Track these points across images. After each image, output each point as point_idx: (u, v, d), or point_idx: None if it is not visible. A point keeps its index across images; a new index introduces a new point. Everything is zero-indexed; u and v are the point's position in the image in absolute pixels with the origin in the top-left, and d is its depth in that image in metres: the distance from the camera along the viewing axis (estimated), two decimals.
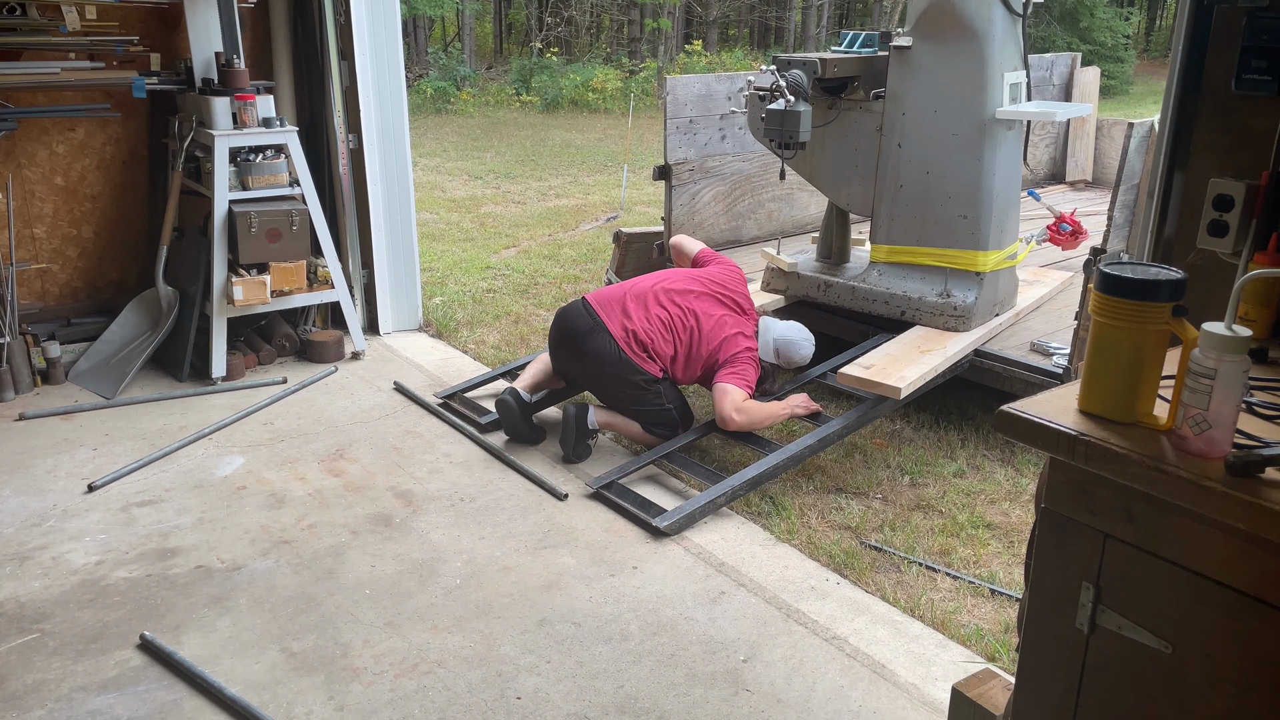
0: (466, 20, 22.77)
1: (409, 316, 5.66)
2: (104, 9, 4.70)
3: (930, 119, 4.25)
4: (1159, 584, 1.52)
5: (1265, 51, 1.93)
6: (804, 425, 4.17)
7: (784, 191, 6.25)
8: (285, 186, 4.82)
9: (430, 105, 16.99)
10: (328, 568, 3.30)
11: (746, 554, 3.40)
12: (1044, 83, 7.78)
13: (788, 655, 2.87)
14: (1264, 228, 1.94)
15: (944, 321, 4.33)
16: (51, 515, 3.61)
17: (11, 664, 2.81)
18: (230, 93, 4.67)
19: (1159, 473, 1.44)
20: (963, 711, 2.23)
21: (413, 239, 5.54)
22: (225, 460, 4.05)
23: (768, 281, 4.90)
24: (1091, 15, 23.05)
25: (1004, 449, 4.20)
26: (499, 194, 10.14)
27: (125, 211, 5.27)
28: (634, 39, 22.76)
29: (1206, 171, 2.06)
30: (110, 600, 3.11)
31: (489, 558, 3.36)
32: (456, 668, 2.81)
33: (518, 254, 7.71)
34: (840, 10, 29.39)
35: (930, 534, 3.56)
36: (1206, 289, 1.99)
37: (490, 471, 3.98)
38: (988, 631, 2.99)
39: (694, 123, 5.63)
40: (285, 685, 2.74)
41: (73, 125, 5.03)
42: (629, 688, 2.73)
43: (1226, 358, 1.41)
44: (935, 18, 4.13)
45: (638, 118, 15.53)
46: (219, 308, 4.72)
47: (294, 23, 5.25)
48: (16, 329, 4.60)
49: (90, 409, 4.51)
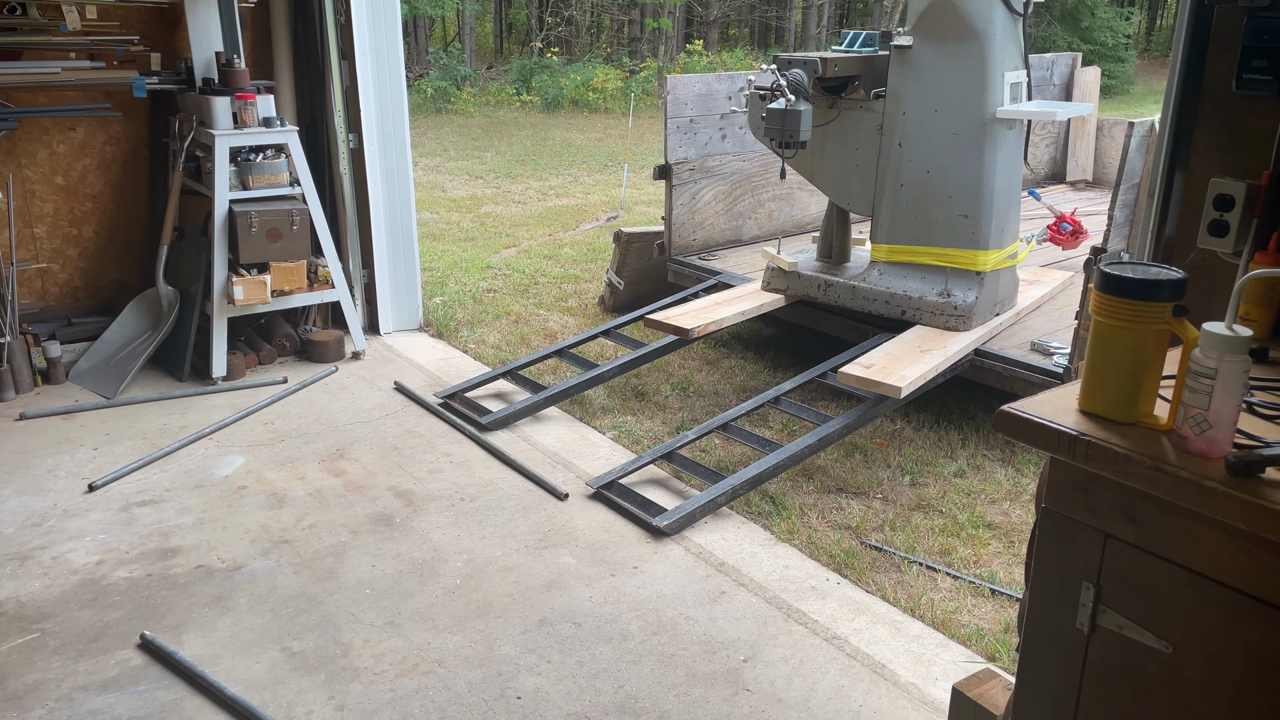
0: (467, 20, 22.77)
1: (409, 316, 5.66)
2: (104, 9, 4.71)
3: (931, 118, 4.25)
4: (1159, 584, 1.52)
5: (1265, 51, 1.93)
6: (804, 425, 4.17)
7: (784, 191, 6.25)
8: (285, 186, 4.82)
9: (430, 105, 17.00)
10: (328, 567, 3.30)
11: (747, 554, 3.40)
12: (1044, 82, 7.77)
13: (788, 655, 2.87)
14: (1264, 228, 1.94)
15: (944, 321, 4.33)
16: (52, 515, 3.61)
17: (12, 664, 2.81)
18: (230, 92, 4.67)
19: (1159, 473, 1.44)
20: (963, 711, 2.23)
21: (413, 239, 5.54)
22: (226, 460, 4.05)
23: (768, 281, 4.90)
24: (1092, 15, 23.04)
25: (1004, 449, 4.20)
26: (499, 194, 10.14)
27: (126, 211, 5.27)
28: (634, 39, 22.76)
29: (1207, 171, 2.05)
30: (110, 600, 3.11)
31: (489, 557, 3.36)
32: (457, 667, 2.81)
33: (518, 254, 7.71)
34: (840, 10, 29.38)
35: (930, 534, 3.56)
36: (1207, 289, 1.99)
37: (490, 471, 3.98)
38: (988, 631, 2.99)
39: (694, 122, 5.63)
40: (285, 685, 2.74)
41: (73, 125, 5.03)
42: (629, 687, 2.73)
43: (1227, 358, 1.41)
44: (936, 17, 4.13)
45: (638, 117, 15.53)
46: (219, 307, 4.72)
47: (294, 23, 5.25)
48: (17, 329, 4.60)
49: (90, 409, 4.51)
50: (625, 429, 4.41)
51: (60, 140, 5.01)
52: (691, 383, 4.97)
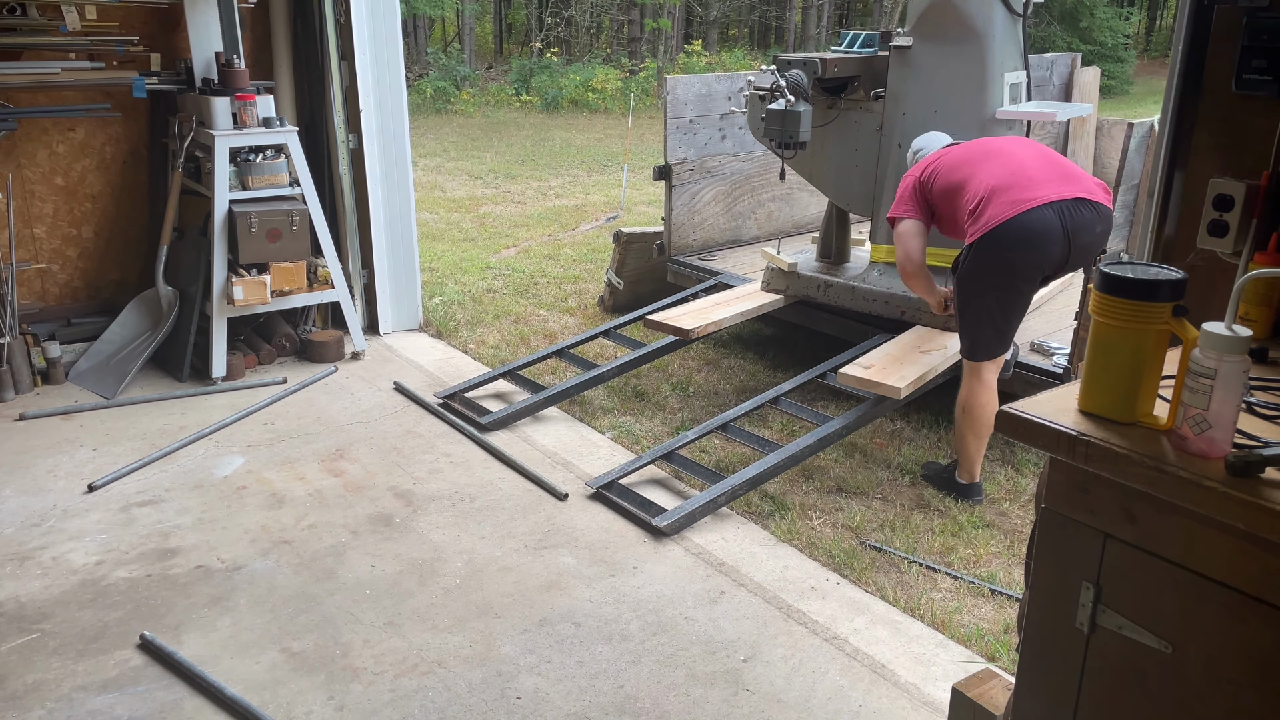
0: (466, 20, 22.79)
1: (409, 316, 5.66)
2: (104, 9, 4.70)
3: (930, 119, 4.25)
4: (1159, 584, 1.52)
5: (1265, 51, 1.93)
6: (804, 425, 4.18)
7: (784, 191, 6.25)
8: (285, 186, 4.82)
9: (430, 105, 17.00)
10: (328, 568, 3.30)
11: (746, 554, 3.40)
12: (1044, 83, 7.77)
13: (788, 655, 2.87)
14: (1264, 228, 1.94)
15: (944, 321, 4.33)
16: (51, 515, 3.61)
17: (12, 664, 2.81)
18: (230, 93, 4.67)
19: (1159, 473, 1.44)
20: (963, 711, 2.23)
21: (413, 239, 5.54)
22: (225, 460, 4.05)
23: (768, 281, 4.90)
24: (1091, 15, 23.05)
25: (1004, 449, 4.20)
26: (499, 194, 10.14)
27: (125, 211, 5.27)
28: (634, 39, 22.77)
29: (1206, 171, 2.05)
30: (110, 600, 3.11)
31: (489, 558, 3.36)
32: (456, 668, 2.81)
33: (518, 254, 7.71)
34: (840, 10, 29.39)
35: (930, 534, 3.56)
36: (1206, 289, 1.99)
37: (490, 471, 3.98)
38: (988, 631, 2.99)
39: (694, 123, 5.63)
40: (285, 685, 2.74)
41: (73, 125, 5.03)
42: (629, 688, 2.73)
43: (1226, 358, 1.41)
44: (935, 18, 4.13)
45: (638, 118, 15.53)
46: (219, 308, 4.72)
47: (294, 23, 5.25)
48: (16, 329, 4.60)
49: (90, 409, 4.51)
50: (625, 429, 4.41)
51: (60, 141, 5.01)
52: (691, 383, 4.97)
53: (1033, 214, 3.31)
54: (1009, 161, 3.48)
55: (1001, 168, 3.46)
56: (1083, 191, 3.41)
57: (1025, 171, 3.43)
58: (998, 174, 3.43)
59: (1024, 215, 3.31)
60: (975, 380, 3.59)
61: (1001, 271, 3.40)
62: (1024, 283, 3.46)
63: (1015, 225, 3.31)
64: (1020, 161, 3.48)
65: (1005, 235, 3.32)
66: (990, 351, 3.55)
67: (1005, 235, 3.32)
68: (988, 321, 3.49)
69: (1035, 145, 3.65)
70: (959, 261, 3.47)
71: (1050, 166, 3.49)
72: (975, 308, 3.49)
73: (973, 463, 3.70)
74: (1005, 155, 3.52)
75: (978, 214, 3.39)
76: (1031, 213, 3.31)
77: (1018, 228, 3.31)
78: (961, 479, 3.76)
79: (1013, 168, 3.45)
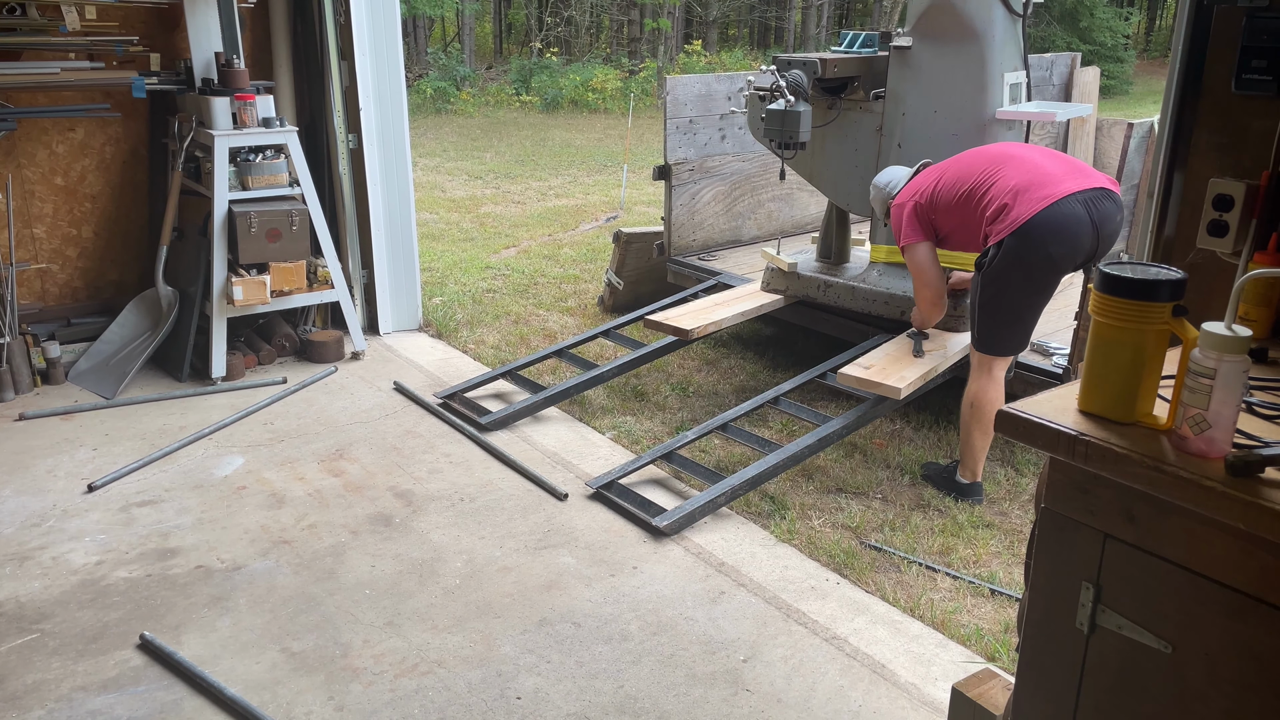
0: (466, 20, 22.78)
1: (409, 316, 5.66)
2: (104, 9, 4.70)
3: (930, 119, 4.25)
4: (1159, 584, 1.52)
5: (1265, 51, 1.93)
6: (804, 425, 4.18)
7: (784, 191, 6.25)
8: (285, 186, 4.82)
9: (430, 105, 16.99)
10: (328, 568, 3.30)
11: (746, 554, 3.40)
12: (1044, 83, 7.77)
13: (788, 655, 2.87)
14: (1264, 228, 1.94)
15: (944, 321, 4.33)
16: (51, 515, 3.61)
17: (11, 664, 2.81)
18: (230, 93, 4.67)
19: (1159, 473, 1.44)
20: (963, 711, 2.23)
21: (412, 239, 5.54)
22: (225, 460, 4.05)
23: (768, 281, 4.90)
24: (1091, 15, 23.06)
25: (1004, 449, 4.20)
26: (499, 194, 10.14)
27: (125, 211, 5.27)
28: (634, 39, 22.76)
29: (1206, 171, 2.06)
30: (110, 600, 3.11)
31: (489, 558, 3.36)
32: (456, 668, 2.81)
33: (517, 254, 7.71)
34: (840, 10, 29.39)
35: (930, 534, 3.56)
36: (1206, 289, 2.00)
37: (490, 471, 3.98)
38: (988, 631, 2.99)
39: (694, 123, 5.63)
40: (285, 685, 2.74)
41: (72, 125, 5.03)
42: (629, 688, 2.73)
43: (1226, 358, 1.41)
44: (935, 18, 4.13)
45: (638, 118, 15.53)
46: (219, 308, 4.72)
47: (294, 23, 5.26)
48: (16, 329, 4.60)
49: (90, 409, 4.51)
50: (625, 429, 4.41)
51: (59, 141, 5.01)
52: (691, 383, 4.97)
53: (1062, 206, 3.35)
54: (1024, 162, 3.54)
55: (1019, 168, 3.51)
56: (1100, 182, 3.46)
57: (1043, 169, 3.48)
58: (1018, 175, 3.48)
59: (1053, 208, 3.35)
60: (986, 376, 3.59)
61: (1035, 266, 3.42)
62: (1055, 276, 3.49)
63: (1046, 218, 3.34)
64: (1035, 161, 3.54)
65: (1036, 229, 3.35)
66: (1009, 348, 3.58)
67: (1036, 229, 3.35)
68: (1013, 318, 3.52)
69: (1039, 147, 3.70)
70: (983, 261, 3.49)
71: (1064, 163, 3.55)
72: (1002, 305, 3.51)
73: (976, 460, 3.71)
74: (1018, 158, 3.57)
75: (1003, 214, 3.42)
76: (1060, 204, 3.35)
77: (1049, 221, 3.34)
78: (963, 477, 3.76)
79: (1030, 167, 3.50)
